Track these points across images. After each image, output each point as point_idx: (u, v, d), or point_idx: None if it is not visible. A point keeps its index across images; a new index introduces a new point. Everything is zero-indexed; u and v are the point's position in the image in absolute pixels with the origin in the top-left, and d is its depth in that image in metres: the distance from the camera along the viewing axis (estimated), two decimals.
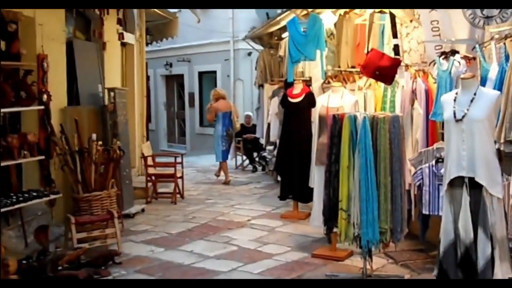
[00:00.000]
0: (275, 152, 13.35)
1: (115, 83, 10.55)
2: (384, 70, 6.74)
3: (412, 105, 6.76)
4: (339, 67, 9.43)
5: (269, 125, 13.62)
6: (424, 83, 6.70)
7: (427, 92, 6.67)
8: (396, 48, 7.08)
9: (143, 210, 9.97)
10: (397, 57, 7.01)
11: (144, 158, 11.06)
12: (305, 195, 8.92)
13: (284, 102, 9.34)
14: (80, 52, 9.18)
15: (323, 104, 7.48)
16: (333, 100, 7.38)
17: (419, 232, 6.48)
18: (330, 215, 5.97)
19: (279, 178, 10.59)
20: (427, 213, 6.17)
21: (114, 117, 9.20)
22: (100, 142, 8.18)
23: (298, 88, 9.15)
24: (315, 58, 8.94)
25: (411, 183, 6.44)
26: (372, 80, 7.88)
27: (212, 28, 19.25)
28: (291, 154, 9.12)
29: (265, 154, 14.55)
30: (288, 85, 10.78)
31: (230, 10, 19.28)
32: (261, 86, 14.96)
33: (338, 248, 7.01)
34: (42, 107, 7.35)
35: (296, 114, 9.03)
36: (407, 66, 7.12)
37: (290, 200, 9.61)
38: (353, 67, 8.98)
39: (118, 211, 8.42)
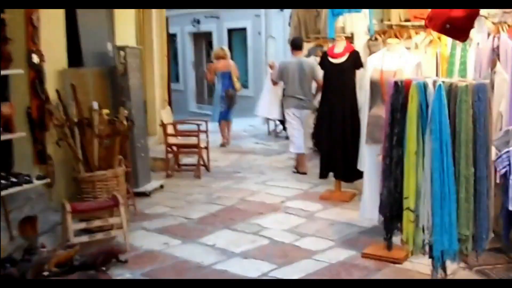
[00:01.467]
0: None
1: (129, 41, 9.14)
2: (457, 22, 5.13)
3: (492, 68, 5.27)
4: (389, 20, 7.98)
5: None
6: (510, 39, 5.21)
7: None
8: None
9: (161, 186, 8.70)
10: None
11: (163, 126, 9.71)
12: (350, 173, 7.58)
13: (324, 63, 7.86)
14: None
15: (375, 67, 5.91)
16: (389, 61, 5.82)
17: (502, 231, 5.05)
18: (392, 215, 4.52)
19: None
20: None
21: (125, 81, 7.82)
22: (106, 111, 6.88)
23: (340, 46, 7.66)
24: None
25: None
26: (434, 35, 6.42)
27: None
28: (333, 125, 7.71)
29: None
30: (295, 45, 9.85)
31: None
32: None
33: (395, 245, 5.56)
34: (21, 70, 5.94)
35: (339, 77, 7.56)
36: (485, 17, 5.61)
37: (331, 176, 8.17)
38: (407, 20, 7.51)
39: (130, 190, 7.22)
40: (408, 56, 5.92)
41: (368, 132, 5.87)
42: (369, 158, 5.85)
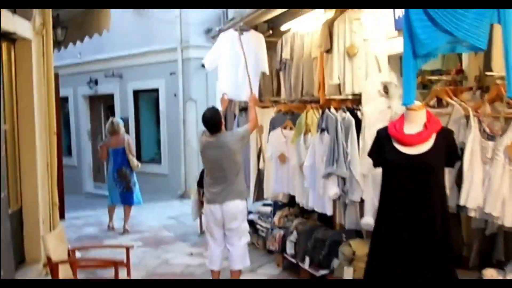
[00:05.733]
0: (275, 219, 8.18)
1: None
2: None
3: None
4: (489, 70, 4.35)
5: (260, 172, 8.77)
6: None
7: None
8: None
9: None
10: None
11: (52, 267, 5.20)
12: None
13: (382, 153, 4.07)
14: None
15: None
16: None
17: None
18: None
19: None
20: None
21: None
22: None
23: (417, 120, 3.77)
24: (486, 44, 3.57)
25: None
26: None
27: (152, 32, 15.35)
28: (404, 265, 4.06)
29: (252, 217, 9.01)
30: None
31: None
32: (243, 110, 9.55)
33: None
34: None
35: (419, 182, 3.95)
36: None
37: None
38: None
39: None
40: None
41: None
42: None
